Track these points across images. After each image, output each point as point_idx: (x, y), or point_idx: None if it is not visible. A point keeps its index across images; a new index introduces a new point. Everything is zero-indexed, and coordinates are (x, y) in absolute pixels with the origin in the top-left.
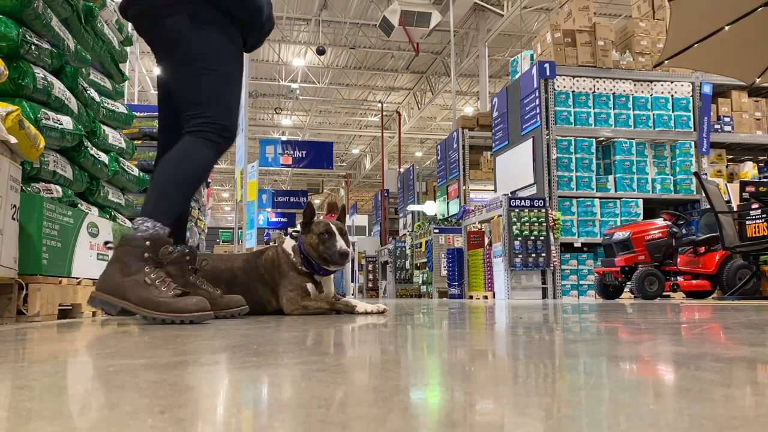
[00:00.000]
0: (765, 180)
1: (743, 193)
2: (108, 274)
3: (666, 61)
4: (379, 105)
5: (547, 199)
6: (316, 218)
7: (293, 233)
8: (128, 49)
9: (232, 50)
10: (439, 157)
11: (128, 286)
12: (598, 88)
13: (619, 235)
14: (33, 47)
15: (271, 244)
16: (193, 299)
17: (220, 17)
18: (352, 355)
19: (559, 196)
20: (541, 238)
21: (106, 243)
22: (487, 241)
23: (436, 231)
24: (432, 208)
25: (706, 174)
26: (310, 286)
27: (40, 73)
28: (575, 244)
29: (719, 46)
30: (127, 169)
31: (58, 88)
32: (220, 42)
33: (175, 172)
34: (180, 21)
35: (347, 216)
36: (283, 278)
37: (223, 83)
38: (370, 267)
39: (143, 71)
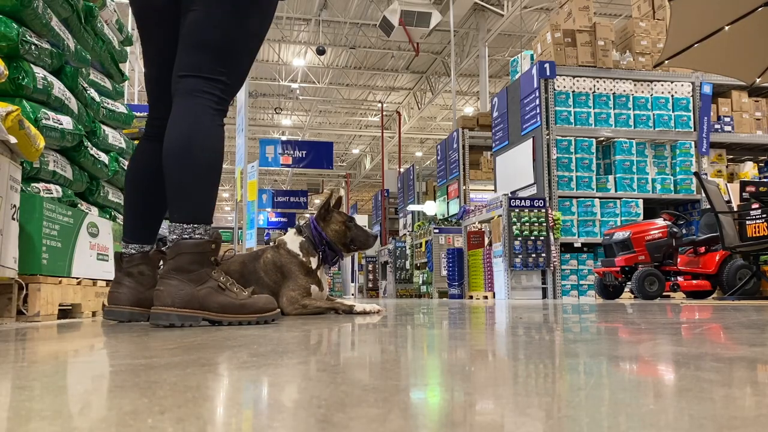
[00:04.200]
0: (765, 180)
1: (743, 193)
2: (174, 286)
3: (666, 61)
4: (379, 105)
5: (547, 199)
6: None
7: (302, 228)
8: (128, 49)
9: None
10: (439, 157)
11: (204, 295)
12: (598, 88)
13: (619, 235)
14: (33, 47)
15: (270, 244)
16: (263, 298)
17: None
18: (352, 355)
19: (559, 196)
20: (541, 238)
21: (159, 250)
22: (487, 241)
23: (436, 231)
24: (432, 208)
25: (706, 174)
26: (313, 287)
27: (40, 73)
28: (575, 244)
29: (719, 46)
30: None
31: (58, 88)
32: None
33: (213, 168)
34: None
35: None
36: (287, 279)
37: (255, 38)
38: (370, 267)
39: (143, 71)
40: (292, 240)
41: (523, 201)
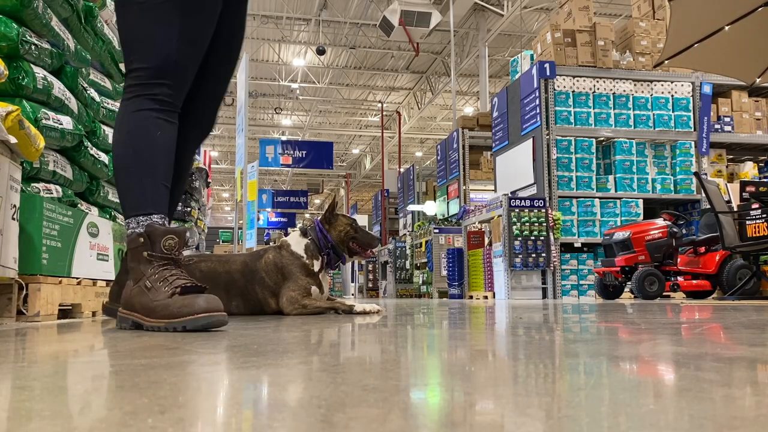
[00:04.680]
0: (765, 180)
1: (743, 193)
2: (127, 286)
3: (666, 61)
4: (379, 105)
5: (547, 199)
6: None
7: (307, 230)
8: None
9: None
10: (439, 157)
11: (134, 295)
12: (598, 88)
13: (619, 235)
14: (33, 47)
15: (271, 244)
16: (200, 299)
17: None
18: (352, 355)
19: (559, 196)
20: (541, 238)
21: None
22: (487, 241)
23: (436, 231)
24: (432, 208)
25: (706, 174)
26: (314, 288)
27: (40, 73)
28: (575, 244)
29: (719, 46)
30: None
31: (58, 88)
32: None
33: (125, 156)
34: None
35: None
36: (288, 280)
37: (164, 17)
38: (370, 267)
39: None
40: (297, 242)
41: (523, 201)
